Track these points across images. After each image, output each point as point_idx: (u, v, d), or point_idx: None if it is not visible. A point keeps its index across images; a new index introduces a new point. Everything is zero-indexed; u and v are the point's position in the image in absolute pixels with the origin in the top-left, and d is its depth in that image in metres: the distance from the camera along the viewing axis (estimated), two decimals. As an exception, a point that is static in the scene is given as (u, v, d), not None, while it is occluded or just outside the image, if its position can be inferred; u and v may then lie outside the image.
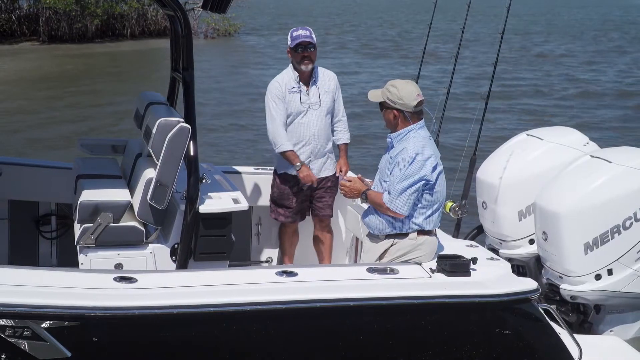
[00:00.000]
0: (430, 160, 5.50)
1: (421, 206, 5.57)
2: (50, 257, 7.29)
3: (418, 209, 5.57)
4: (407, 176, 5.46)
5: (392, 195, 5.52)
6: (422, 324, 5.15)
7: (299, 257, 7.55)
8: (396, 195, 5.50)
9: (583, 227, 6.25)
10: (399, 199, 5.49)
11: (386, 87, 5.66)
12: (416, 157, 5.47)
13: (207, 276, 5.23)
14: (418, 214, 5.58)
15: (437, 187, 5.58)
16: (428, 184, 5.51)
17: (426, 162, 5.48)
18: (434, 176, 5.52)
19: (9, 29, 40.20)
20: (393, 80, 5.71)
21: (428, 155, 5.50)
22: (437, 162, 5.56)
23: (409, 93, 5.57)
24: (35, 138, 17.64)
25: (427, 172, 5.48)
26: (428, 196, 5.56)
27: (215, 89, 25.51)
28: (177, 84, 6.82)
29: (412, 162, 5.46)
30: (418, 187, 5.48)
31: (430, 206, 5.60)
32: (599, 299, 6.42)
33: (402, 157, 5.51)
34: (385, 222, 5.64)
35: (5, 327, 4.47)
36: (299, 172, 7.03)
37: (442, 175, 5.61)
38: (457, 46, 8.07)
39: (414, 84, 5.71)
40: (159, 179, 5.65)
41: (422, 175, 5.47)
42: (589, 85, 27.77)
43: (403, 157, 5.50)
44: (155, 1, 5.97)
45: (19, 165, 7.13)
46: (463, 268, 5.38)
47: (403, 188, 5.47)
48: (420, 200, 5.55)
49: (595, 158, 6.55)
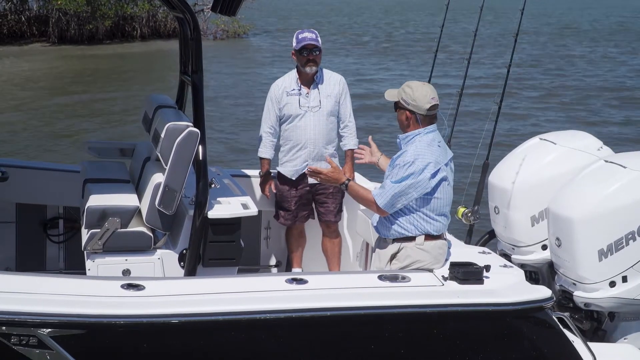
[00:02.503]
0: (429, 166, 5.45)
1: (424, 211, 5.53)
2: (58, 261, 7.26)
3: (421, 213, 5.53)
4: (401, 178, 5.43)
5: (382, 191, 5.51)
6: (434, 333, 5.08)
7: (307, 261, 7.50)
8: (386, 193, 5.49)
9: (597, 233, 6.16)
10: (387, 197, 5.48)
11: (402, 87, 5.63)
12: (414, 162, 5.43)
13: (216, 284, 5.18)
14: (422, 218, 5.54)
15: (438, 194, 5.52)
16: (427, 189, 5.46)
17: (425, 169, 5.43)
18: (433, 182, 5.47)
19: (18, 30, 40.37)
20: (410, 81, 5.68)
21: (427, 162, 5.44)
22: (438, 169, 5.49)
23: (423, 95, 5.52)
24: (43, 140, 17.65)
25: (423, 178, 5.43)
26: (429, 202, 5.52)
27: (224, 90, 25.51)
28: (186, 86, 6.77)
29: (409, 166, 5.43)
30: (410, 191, 5.44)
31: (432, 212, 5.55)
32: (613, 307, 6.32)
33: (400, 160, 5.50)
34: (392, 225, 5.60)
35: (11, 335, 4.43)
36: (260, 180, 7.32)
37: (445, 182, 5.55)
38: (470, 48, 7.99)
39: (431, 87, 5.65)
40: (168, 184, 5.59)
41: (416, 181, 5.42)
42: (604, 89, 27.57)
43: (401, 160, 5.49)
44: (165, 3, 5.93)
45: (26, 169, 7.10)
46: (476, 276, 5.31)
47: (394, 189, 5.45)
48: (421, 205, 5.51)
49: (609, 163, 6.46)
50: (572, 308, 6.41)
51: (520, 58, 32.81)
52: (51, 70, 30.89)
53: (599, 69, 33.69)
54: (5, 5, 40.95)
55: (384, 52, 39.09)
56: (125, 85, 26.91)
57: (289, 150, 7.20)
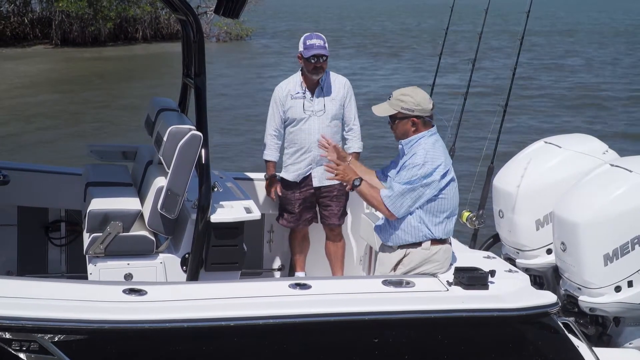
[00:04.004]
0: (440, 168, 5.41)
1: (431, 214, 5.48)
2: (60, 264, 7.23)
3: (429, 216, 5.48)
4: (412, 180, 5.37)
5: (392, 194, 5.43)
6: (438, 339, 5.05)
7: (311, 264, 7.46)
8: (396, 195, 5.41)
9: (603, 237, 6.12)
10: (398, 199, 5.40)
11: (395, 98, 5.51)
12: (425, 163, 5.38)
13: (219, 289, 5.15)
14: (429, 221, 5.49)
15: (446, 195, 5.48)
16: (436, 191, 5.42)
17: (435, 170, 5.39)
18: (442, 183, 5.43)
19: (21, 32, 40.46)
20: (401, 90, 5.58)
21: (438, 163, 5.41)
22: (447, 170, 5.46)
23: (423, 98, 5.50)
24: (44, 142, 17.63)
25: (434, 179, 5.39)
26: (438, 204, 5.46)
27: (226, 92, 25.49)
28: (188, 89, 6.74)
29: (421, 167, 5.37)
30: (420, 193, 5.39)
31: (440, 214, 5.49)
32: (619, 312, 6.28)
33: (411, 162, 5.44)
34: (397, 231, 5.54)
35: (12, 341, 4.40)
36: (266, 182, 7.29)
37: (453, 183, 5.51)
38: (475, 51, 7.95)
39: (420, 88, 5.61)
40: (170, 188, 5.56)
41: (427, 182, 5.38)
42: (610, 92, 27.51)
43: (412, 162, 5.43)
44: (167, 5, 5.91)
45: (28, 171, 7.08)
46: (481, 281, 5.27)
47: (405, 190, 5.38)
48: (429, 207, 5.46)
49: (615, 167, 6.42)
50: (577, 313, 6.38)
51: (526, 61, 32.77)
52: (54, 72, 30.93)
53: (604, 71, 33.66)
54: (8, 7, 41.05)
55: (386, 54, 39.09)
56: (128, 88, 26.93)
57: (293, 154, 7.16)
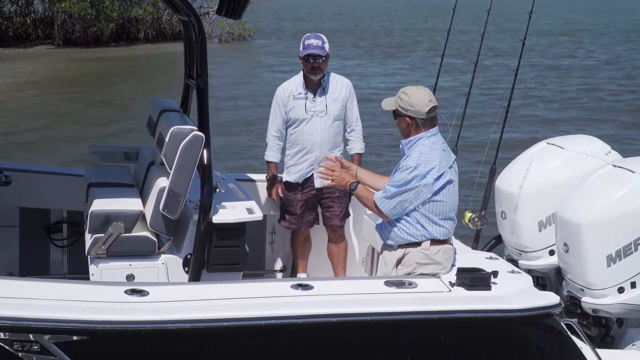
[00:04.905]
0: (433, 171, 5.41)
1: (429, 215, 5.49)
2: (62, 265, 7.23)
3: (426, 217, 5.49)
4: (404, 183, 5.41)
5: (384, 195, 5.48)
6: (441, 339, 5.05)
7: (313, 266, 7.46)
8: (387, 197, 5.46)
9: (605, 238, 6.11)
10: (389, 201, 5.46)
11: (398, 94, 5.58)
12: (418, 166, 5.40)
13: (220, 289, 5.13)
14: (426, 222, 5.50)
15: (443, 197, 5.48)
16: (430, 193, 5.42)
17: (428, 173, 5.40)
18: (437, 186, 5.43)
19: (24, 32, 40.48)
20: (405, 87, 5.64)
21: (431, 166, 5.41)
22: (442, 173, 5.45)
23: (420, 100, 5.49)
24: (46, 143, 17.62)
25: (427, 182, 5.40)
26: (434, 206, 5.47)
27: (228, 93, 25.47)
28: (190, 90, 6.74)
29: (412, 170, 5.39)
30: (411, 195, 5.41)
31: (438, 215, 5.50)
32: (622, 313, 6.27)
33: (404, 164, 5.48)
34: (397, 230, 5.56)
35: (14, 341, 4.40)
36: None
37: (450, 185, 5.51)
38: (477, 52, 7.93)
39: (427, 89, 5.62)
40: (172, 189, 5.55)
41: (419, 185, 5.39)
42: (612, 92, 27.46)
43: (405, 164, 5.46)
44: (169, 6, 5.90)
45: (30, 172, 7.07)
46: (484, 282, 5.25)
47: (396, 193, 5.43)
48: (426, 209, 5.47)
49: (617, 168, 6.41)
50: (580, 314, 6.36)
51: (529, 61, 32.75)
52: (56, 72, 30.92)
53: (606, 72, 33.62)
54: (11, 8, 41.08)
55: (388, 55, 39.07)
56: (130, 88, 26.92)
57: (295, 154, 7.16)
